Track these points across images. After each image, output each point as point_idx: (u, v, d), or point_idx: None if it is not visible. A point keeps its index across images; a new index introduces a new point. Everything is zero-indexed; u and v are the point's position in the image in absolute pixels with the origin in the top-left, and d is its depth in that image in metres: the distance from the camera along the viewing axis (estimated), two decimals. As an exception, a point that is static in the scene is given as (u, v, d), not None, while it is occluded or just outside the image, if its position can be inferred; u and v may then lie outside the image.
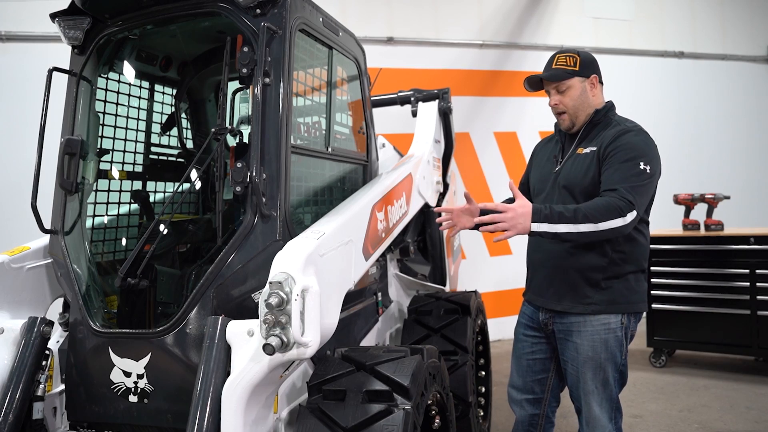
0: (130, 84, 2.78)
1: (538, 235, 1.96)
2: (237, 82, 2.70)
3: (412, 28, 6.29)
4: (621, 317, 2.16)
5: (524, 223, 1.94)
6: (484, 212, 2.15)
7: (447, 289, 3.97)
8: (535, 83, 2.30)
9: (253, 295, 1.92)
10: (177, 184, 2.98)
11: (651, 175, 2.05)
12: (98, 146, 2.58)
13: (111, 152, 2.67)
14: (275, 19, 2.12)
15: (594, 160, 2.14)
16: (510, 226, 1.94)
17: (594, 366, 2.17)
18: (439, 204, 3.63)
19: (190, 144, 3.20)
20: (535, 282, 2.33)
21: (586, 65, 2.24)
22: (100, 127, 2.59)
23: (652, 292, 4.94)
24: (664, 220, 5.68)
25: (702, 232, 4.92)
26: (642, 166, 2.03)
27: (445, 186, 3.86)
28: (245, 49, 2.09)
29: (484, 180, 6.29)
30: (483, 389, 3.54)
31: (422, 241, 3.89)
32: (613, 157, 2.07)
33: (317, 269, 1.81)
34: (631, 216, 1.97)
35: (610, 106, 2.30)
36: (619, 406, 2.24)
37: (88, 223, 2.51)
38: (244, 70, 2.09)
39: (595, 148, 2.17)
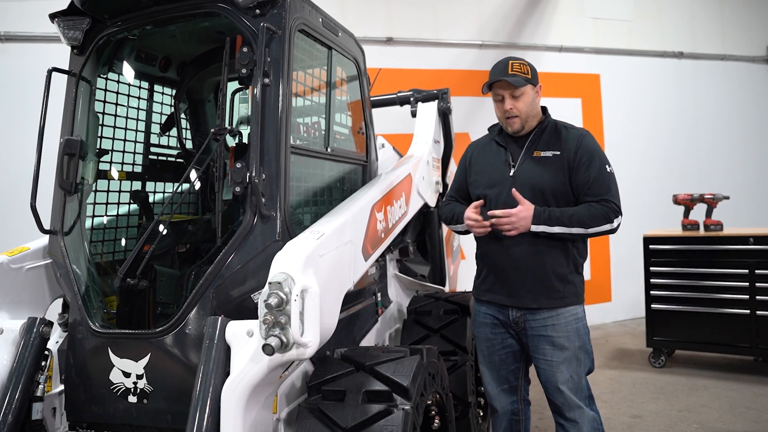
0: (129, 84, 2.78)
1: (535, 233, 2.24)
2: (236, 82, 2.71)
3: (411, 29, 6.29)
4: (582, 307, 2.37)
5: (525, 224, 2.23)
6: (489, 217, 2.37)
7: (446, 289, 3.97)
8: (488, 85, 2.40)
9: (252, 295, 1.92)
10: (176, 184, 2.98)
11: (613, 174, 2.32)
12: (97, 146, 2.58)
13: (110, 152, 2.67)
14: (275, 19, 2.12)
15: (563, 165, 2.30)
16: (514, 227, 2.23)
17: (569, 356, 2.30)
18: (438, 205, 3.62)
19: (189, 144, 3.20)
20: (503, 283, 2.39)
21: (534, 75, 2.39)
22: (100, 127, 2.59)
23: (652, 292, 4.95)
24: (664, 220, 5.71)
25: (701, 232, 4.92)
26: (608, 169, 2.31)
27: (445, 186, 3.86)
28: (245, 49, 2.09)
29: (484, 180, 6.28)
30: (482, 389, 3.53)
31: (422, 241, 3.89)
32: (585, 165, 2.28)
33: (317, 269, 1.81)
34: (617, 221, 2.27)
35: (548, 112, 2.47)
36: (590, 393, 2.38)
37: (88, 223, 2.51)
38: (244, 71, 2.09)
39: (558, 152, 2.33)
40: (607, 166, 2.30)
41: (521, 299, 2.34)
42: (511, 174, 2.37)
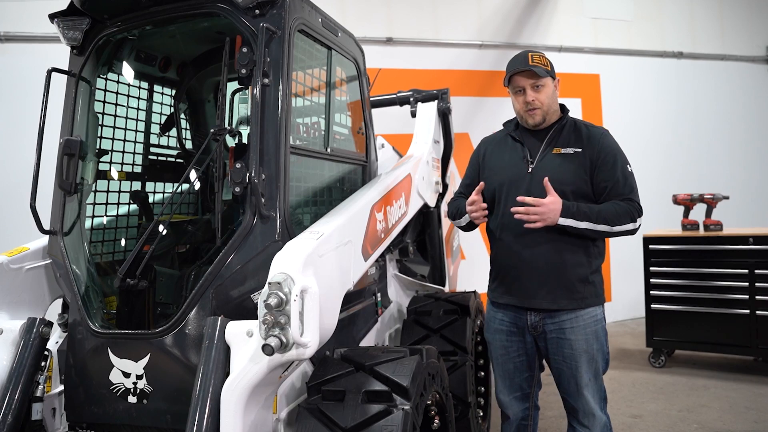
0: (129, 84, 2.78)
1: (562, 227, 2.16)
2: (236, 82, 2.70)
3: (411, 29, 6.29)
4: (602, 308, 2.33)
5: (554, 217, 2.13)
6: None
7: (446, 289, 3.97)
8: (509, 77, 2.35)
9: (252, 295, 1.92)
10: (176, 184, 2.98)
11: (633, 173, 2.30)
12: (97, 147, 2.58)
13: (110, 153, 2.67)
14: (274, 19, 2.12)
15: (585, 162, 2.26)
16: (541, 219, 2.13)
17: (588, 359, 2.26)
18: (438, 205, 3.63)
19: (189, 144, 3.20)
20: (521, 285, 2.32)
21: (553, 68, 2.36)
22: (99, 127, 2.58)
23: (651, 292, 4.95)
24: (663, 220, 5.70)
25: (701, 232, 4.92)
26: (630, 169, 2.28)
27: (444, 186, 3.86)
28: (244, 49, 2.09)
29: (484, 180, 6.28)
30: (482, 389, 3.54)
31: (421, 241, 3.89)
32: (610, 164, 2.26)
33: (316, 270, 1.81)
34: (640, 221, 2.23)
35: (567, 109, 2.43)
36: (605, 395, 2.36)
37: (87, 223, 2.51)
38: (243, 71, 2.09)
39: (579, 150, 2.28)
40: (628, 166, 2.27)
41: (540, 300, 2.28)
42: (529, 171, 2.31)
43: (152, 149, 3.00)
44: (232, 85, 3.03)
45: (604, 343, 2.31)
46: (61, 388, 2.38)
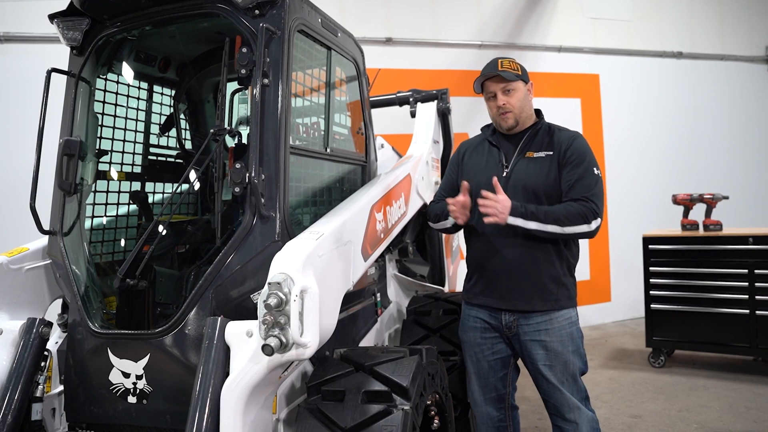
0: (128, 85, 2.78)
1: (512, 226, 2.20)
2: (236, 82, 2.70)
3: (410, 29, 6.29)
4: (575, 311, 2.36)
5: (505, 213, 2.18)
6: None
7: (446, 289, 3.97)
8: (480, 83, 2.44)
9: (252, 295, 1.92)
10: (176, 185, 2.98)
11: (600, 177, 2.31)
12: (97, 147, 2.58)
13: (110, 153, 2.68)
14: (274, 19, 2.12)
15: (554, 164, 2.31)
16: (498, 213, 2.18)
17: (564, 360, 2.28)
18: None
19: (188, 145, 3.20)
20: (495, 286, 2.36)
21: (525, 73, 2.42)
22: (99, 128, 2.59)
23: (651, 292, 4.95)
24: (663, 220, 5.71)
25: (701, 232, 4.92)
26: (596, 172, 2.30)
27: (444, 186, 3.86)
28: (244, 49, 2.09)
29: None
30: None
31: (421, 241, 3.89)
32: (573, 164, 2.28)
33: (316, 270, 1.81)
34: (596, 223, 2.23)
35: (542, 114, 2.47)
36: (587, 394, 2.37)
37: (87, 224, 2.51)
38: (243, 71, 2.09)
39: (551, 153, 2.33)
40: (594, 168, 2.29)
41: (514, 302, 2.31)
42: (504, 174, 2.36)
43: (152, 149, 3.00)
44: (232, 86, 3.03)
45: (579, 344, 2.34)
46: (61, 388, 2.38)
